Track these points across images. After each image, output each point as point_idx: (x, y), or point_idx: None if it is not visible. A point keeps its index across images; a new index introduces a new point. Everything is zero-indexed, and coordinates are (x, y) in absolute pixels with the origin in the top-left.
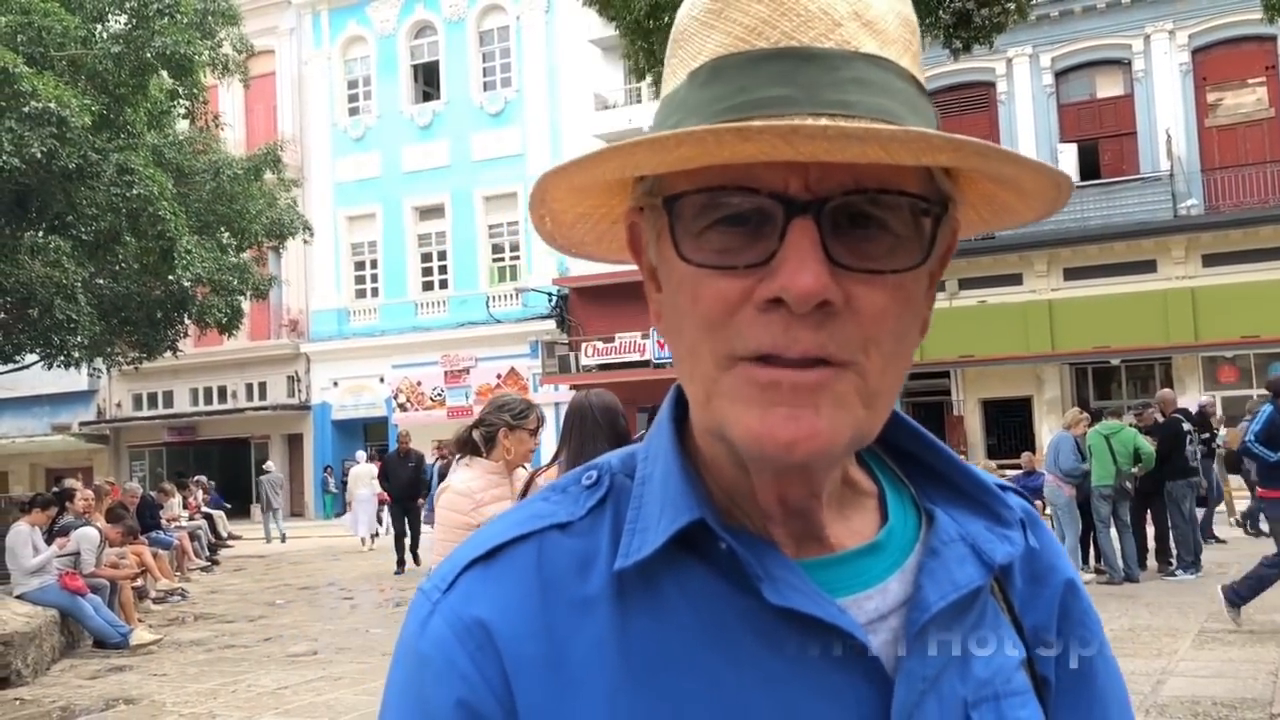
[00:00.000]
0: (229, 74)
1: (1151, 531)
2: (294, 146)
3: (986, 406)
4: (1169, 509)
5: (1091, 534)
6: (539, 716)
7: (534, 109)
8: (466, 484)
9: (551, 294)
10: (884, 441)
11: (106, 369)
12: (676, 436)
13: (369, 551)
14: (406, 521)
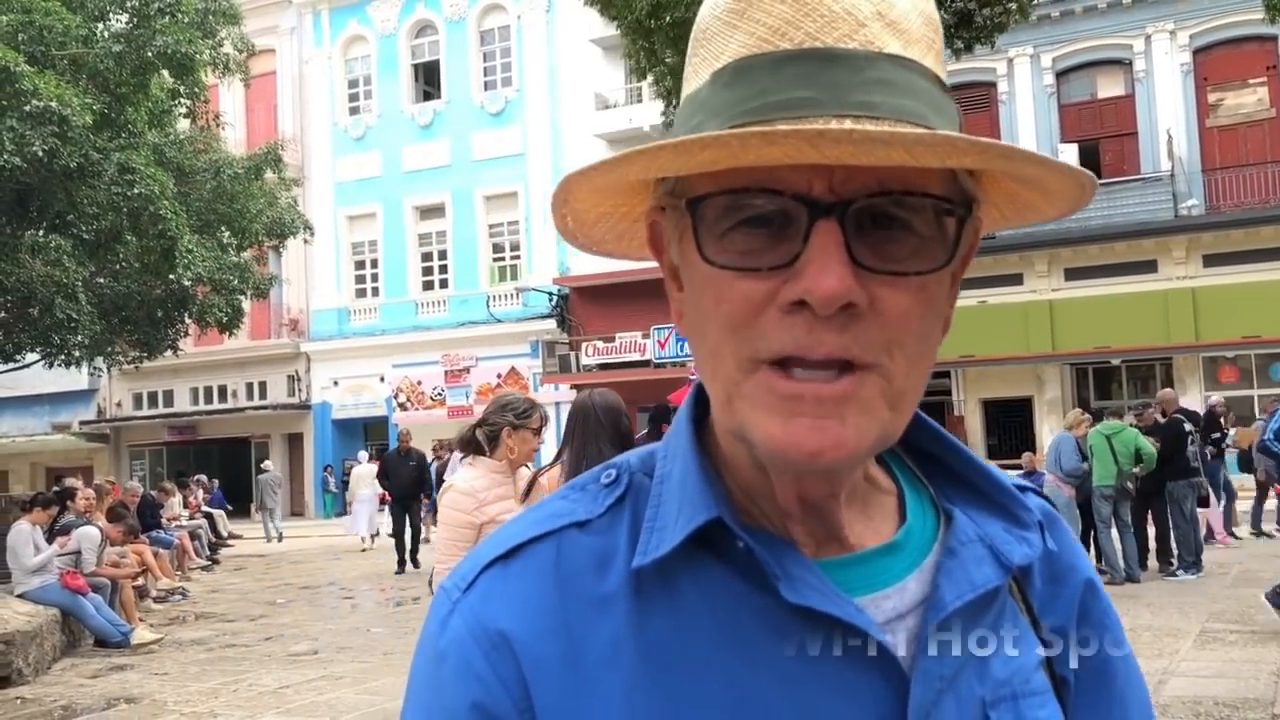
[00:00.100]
0: (230, 73)
1: (1152, 532)
2: (294, 146)
3: (987, 406)
4: (1170, 509)
5: (1092, 534)
6: (557, 715)
7: (535, 108)
8: (470, 483)
9: (552, 293)
10: (905, 442)
11: (107, 368)
12: (696, 436)
13: (369, 551)
14: (407, 521)
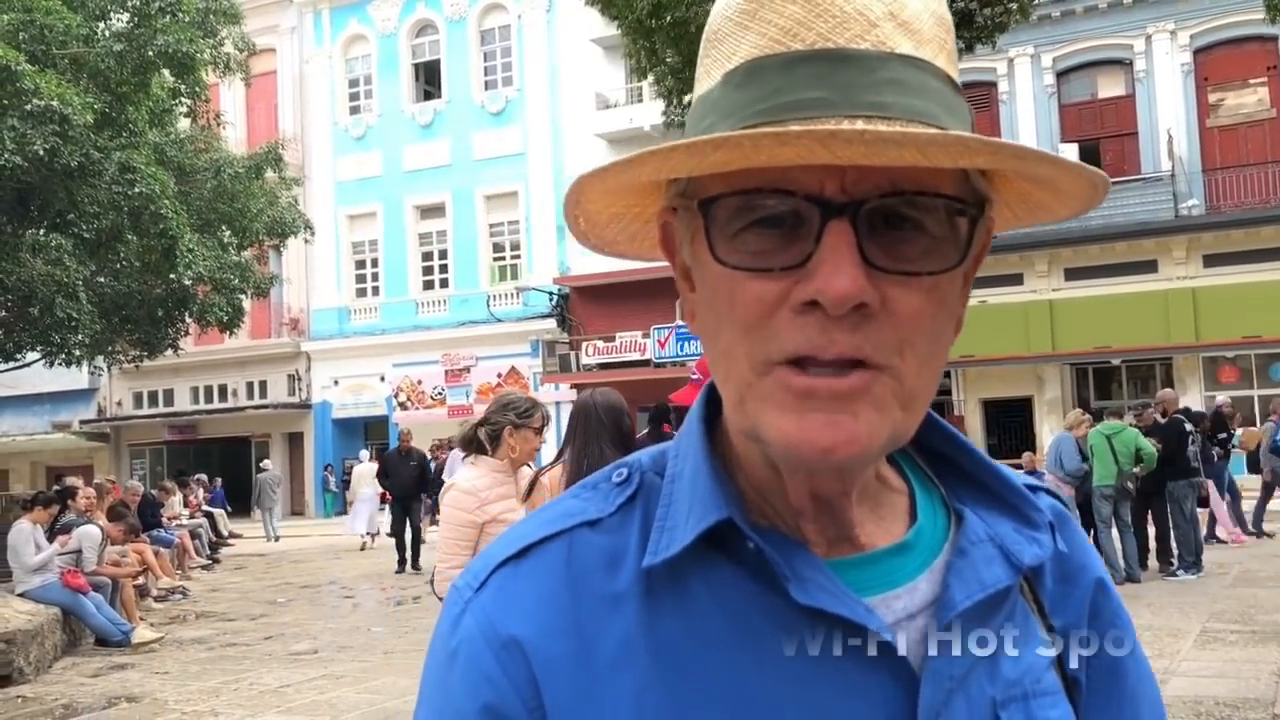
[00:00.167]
0: (230, 72)
1: (1152, 531)
2: (295, 145)
3: (987, 406)
4: (1171, 509)
5: (1092, 534)
6: (567, 714)
7: (535, 108)
8: (472, 482)
9: (552, 293)
10: (916, 442)
11: (107, 367)
12: (707, 435)
13: (370, 550)
14: (407, 520)
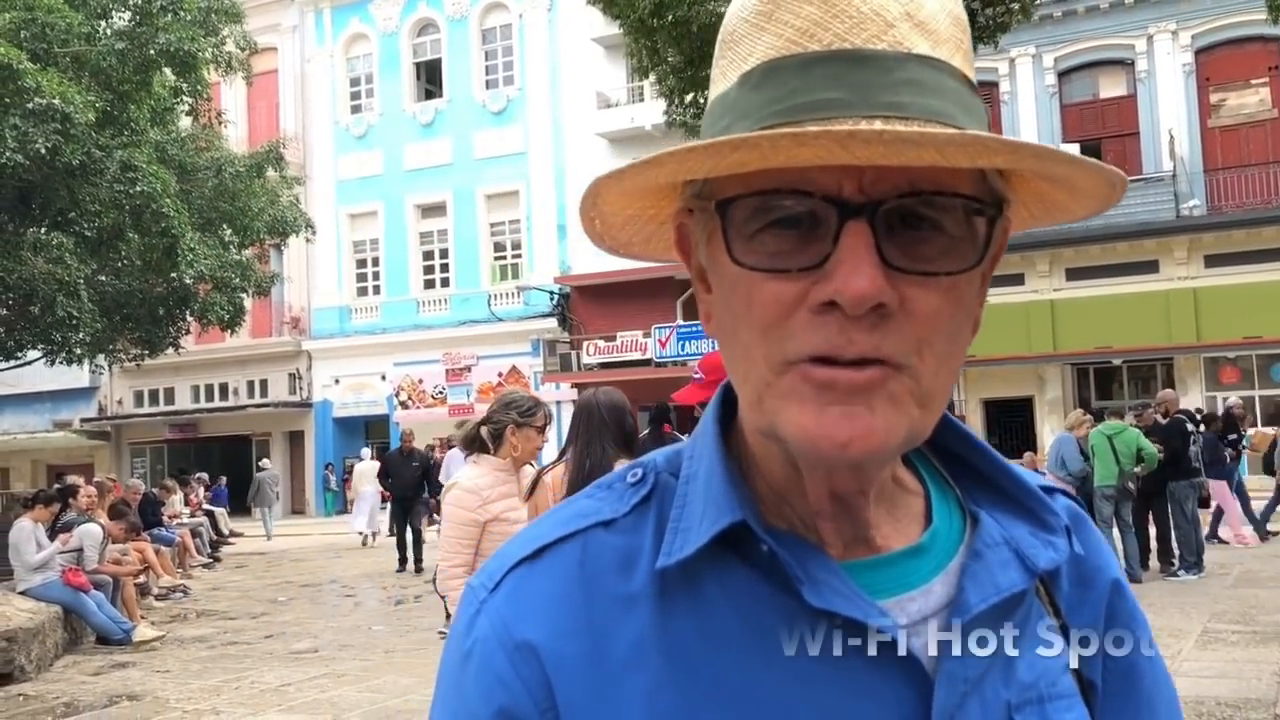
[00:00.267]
0: (232, 71)
1: (1153, 532)
2: (296, 144)
3: (988, 406)
4: (1172, 509)
5: None
6: (580, 715)
7: (536, 107)
8: (474, 481)
9: (553, 292)
10: (931, 443)
11: (108, 366)
12: (722, 436)
13: (370, 549)
14: (408, 521)
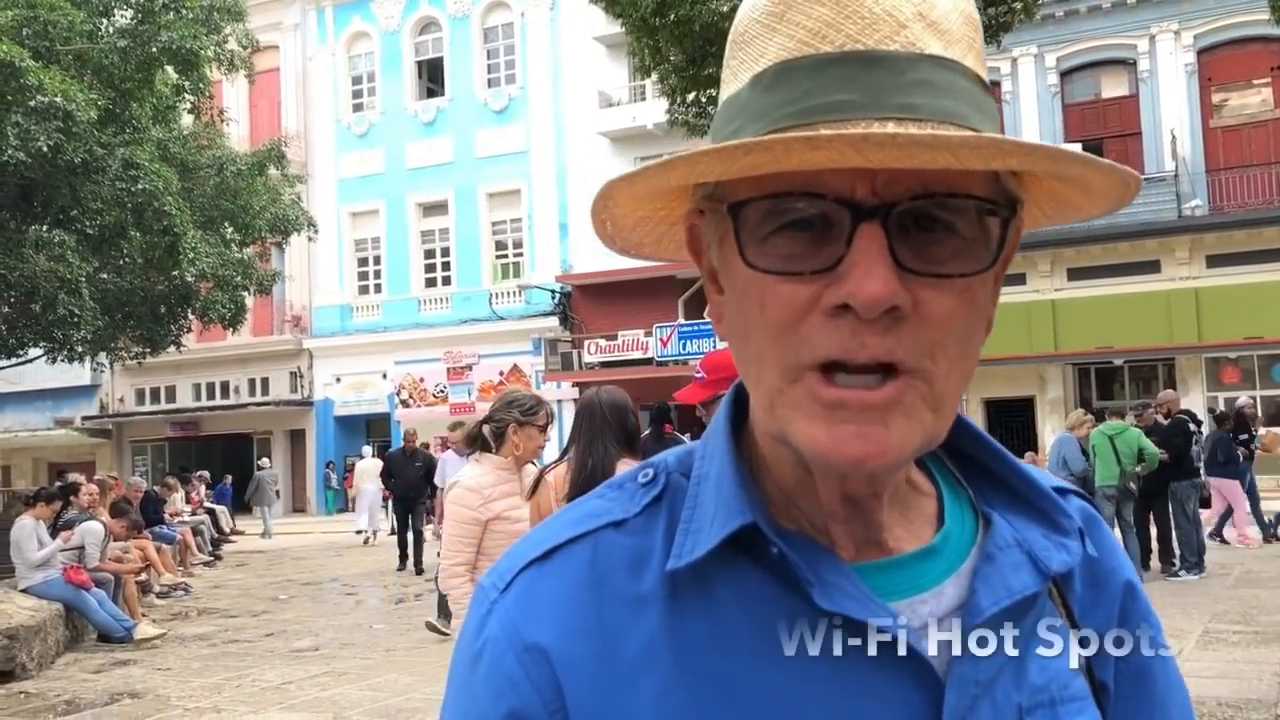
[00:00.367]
0: (234, 69)
1: (1154, 532)
2: (298, 142)
3: (989, 406)
4: (1173, 509)
5: None
6: (589, 716)
7: (538, 106)
8: (476, 480)
9: (554, 291)
10: (945, 444)
11: (110, 364)
12: (733, 437)
13: (371, 547)
14: (410, 521)
